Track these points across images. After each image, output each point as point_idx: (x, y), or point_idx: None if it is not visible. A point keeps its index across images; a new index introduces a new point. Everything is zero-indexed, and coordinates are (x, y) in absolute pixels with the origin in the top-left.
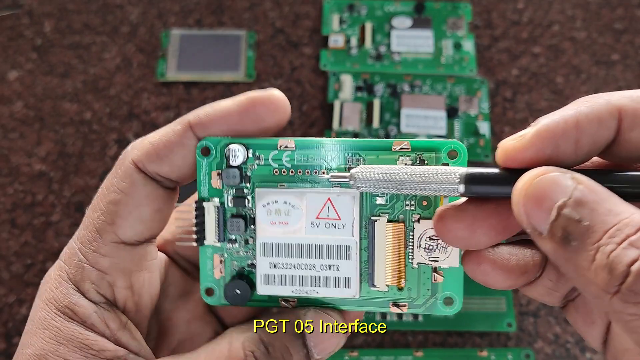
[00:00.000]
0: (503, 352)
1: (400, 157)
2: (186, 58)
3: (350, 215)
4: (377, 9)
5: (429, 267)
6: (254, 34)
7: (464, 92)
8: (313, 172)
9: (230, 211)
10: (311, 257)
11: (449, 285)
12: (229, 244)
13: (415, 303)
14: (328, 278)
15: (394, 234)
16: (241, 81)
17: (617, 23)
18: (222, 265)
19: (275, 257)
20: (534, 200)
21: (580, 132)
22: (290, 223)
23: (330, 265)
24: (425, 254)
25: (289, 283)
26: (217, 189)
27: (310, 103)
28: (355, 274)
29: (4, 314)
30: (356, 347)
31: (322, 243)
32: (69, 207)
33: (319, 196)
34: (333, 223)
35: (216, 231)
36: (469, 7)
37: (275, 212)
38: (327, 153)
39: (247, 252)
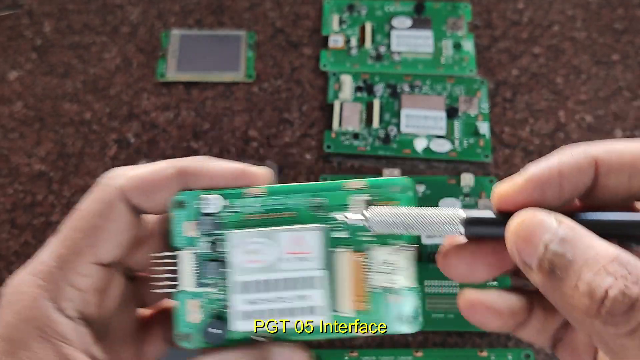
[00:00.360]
0: (503, 352)
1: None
2: (186, 58)
3: (317, 249)
4: (377, 9)
5: (388, 289)
6: (254, 34)
7: (463, 92)
8: (282, 214)
9: (206, 256)
10: (282, 291)
11: (406, 304)
12: (205, 288)
13: (379, 324)
14: (299, 309)
15: (353, 263)
16: (241, 81)
17: (617, 23)
18: (198, 309)
19: (249, 294)
20: (524, 239)
21: (562, 179)
22: (262, 261)
23: (300, 296)
24: (383, 278)
25: (262, 317)
26: (191, 237)
27: (310, 103)
28: (323, 303)
29: None
30: (356, 347)
31: (291, 276)
32: (69, 207)
33: (289, 234)
34: (301, 257)
35: (193, 277)
36: (468, 7)
37: (247, 253)
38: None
39: (222, 294)
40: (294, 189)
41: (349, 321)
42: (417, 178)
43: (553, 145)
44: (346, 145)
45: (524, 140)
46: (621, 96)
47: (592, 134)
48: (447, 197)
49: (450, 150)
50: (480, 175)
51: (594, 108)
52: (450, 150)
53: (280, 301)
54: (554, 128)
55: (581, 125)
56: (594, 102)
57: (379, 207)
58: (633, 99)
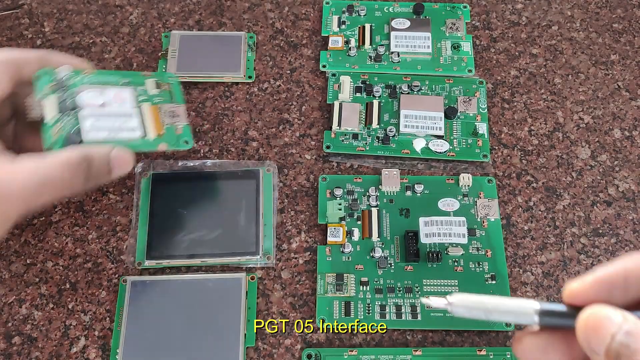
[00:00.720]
0: (502, 351)
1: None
2: (186, 59)
3: (129, 99)
4: (376, 10)
5: (173, 125)
6: (254, 35)
7: (462, 93)
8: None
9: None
10: (117, 117)
11: (184, 133)
12: (63, 119)
13: (170, 143)
14: (127, 128)
15: (152, 109)
16: (241, 81)
17: (616, 23)
18: (59, 130)
19: (92, 119)
20: (593, 330)
21: (627, 282)
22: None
23: (124, 122)
24: (170, 119)
25: (102, 131)
26: (49, 92)
27: (309, 104)
28: (139, 128)
29: (4, 314)
30: (355, 346)
31: (116, 111)
32: (69, 207)
33: (113, 89)
34: (121, 103)
35: (55, 113)
36: (467, 8)
37: (89, 98)
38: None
39: (75, 121)
40: (110, 72)
41: (155, 142)
42: (416, 178)
43: (552, 145)
44: (345, 145)
45: (523, 141)
46: (620, 96)
47: (590, 134)
48: (446, 197)
49: (449, 150)
50: (478, 175)
51: (593, 108)
52: (448, 150)
53: (115, 123)
54: (553, 128)
55: (580, 126)
56: (592, 102)
57: (462, 295)
58: (632, 99)
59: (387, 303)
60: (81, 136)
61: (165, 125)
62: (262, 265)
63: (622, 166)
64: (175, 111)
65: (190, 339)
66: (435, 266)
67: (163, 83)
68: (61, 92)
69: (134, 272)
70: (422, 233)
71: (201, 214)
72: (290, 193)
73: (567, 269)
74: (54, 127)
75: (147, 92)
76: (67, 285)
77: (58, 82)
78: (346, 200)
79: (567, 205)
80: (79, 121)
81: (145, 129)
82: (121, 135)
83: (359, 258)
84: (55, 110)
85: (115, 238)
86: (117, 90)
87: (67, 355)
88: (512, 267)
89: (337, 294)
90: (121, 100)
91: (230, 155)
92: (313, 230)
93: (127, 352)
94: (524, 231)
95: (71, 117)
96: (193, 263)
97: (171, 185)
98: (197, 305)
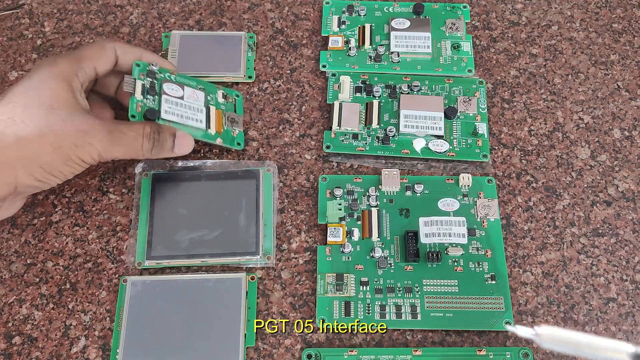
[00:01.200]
0: (501, 351)
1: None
2: (186, 59)
3: (201, 99)
4: (376, 10)
5: (231, 129)
6: (254, 35)
7: (462, 93)
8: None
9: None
10: (189, 109)
11: (239, 136)
12: (145, 99)
13: (225, 141)
14: (195, 119)
15: (218, 112)
16: (241, 81)
17: (616, 23)
18: (141, 106)
19: (169, 104)
20: None
21: None
22: (176, 95)
23: (193, 114)
24: (229, 123)
25: (175, 115)
26: (141, 78)
27: (309, 104)
28: (204, 122)
29: (4, 314)
30: (355, 346)
31: (190, 104)
32: (69, 207)
33: (189, 89)
34: (195, 99)
35: (140, 93)
36: (467, 8)
37: (170, 90)
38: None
39: (156, 103)
40: (191, 77)
41: (214, 136)
42: (416, 178)
43: (551, 145)
44: (345, 145)
45: (522, 141)
46: (620, 96)
47: (590, 134)
48: (446, 197)
49: (449, 150)
50: (478, 175)
51: (593, 108)
52: (448, 150)
53: (186, 114)
54: (552, 128)
55: (579, 126)
56: (592, 102)
57: (551, 329)
58: (631, 99)
59: (387, 303)
60: (159, 114)
61: (225, 126)
62: (262, 265)
63: (622, 166)
64: (235, 119)
65: (190, 339)
66: (435, 266)
67: (230, 96)
68: (150, 80)
69: (134, 272)
70: (422, 233)
71: (201, 214)
72: (290, 193)
73: (566, 269)
74: (139, 103)
75: (217, 99)
76: (68, 285)
77: (150, 71)
78: (346, 200)
79: (567, 205)
80: (160, 104)
81: (209, 124)
82: (189, 122)
83: (359, 258)
84: (141, 90)
85: (115, 238)
86: (193, 90)
87: (67, 355)
88: (512, 267)
89: (337, 294)
90: (195, 98)
91: (230, 155)
92: (313, 230)
93: (127, 352)
94: (523, 231)
95: (154, 99)
96: (193, 263)
97: (171, 185)
98: (197, 306)
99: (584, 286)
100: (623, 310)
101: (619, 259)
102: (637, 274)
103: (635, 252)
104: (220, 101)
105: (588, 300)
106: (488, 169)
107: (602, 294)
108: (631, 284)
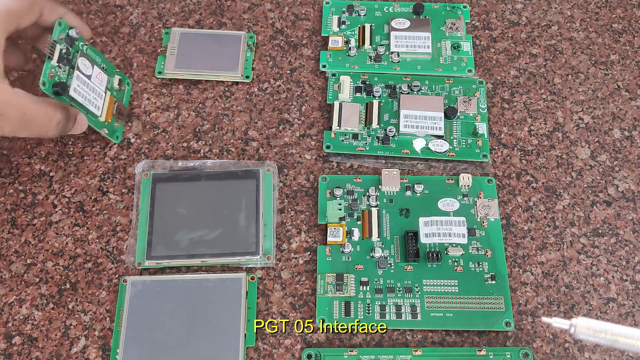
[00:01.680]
0: (501, 351)
1: None
2: (185, 56)
3: (104, 85)
4: (376, 10)
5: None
6: (254, 35)
7: (462, 93)
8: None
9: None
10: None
11: (119, 130)
12: (59, 67)
13: (109, 133)
14: (95, 105)
15: (111, 99)
16: (239, 81)
17: (616, 23)
18: (54, 74)
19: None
20: None
21: None
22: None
23: (97, 101)
24: (116, 114)
25: (81, 96)
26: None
27: (309, 104)
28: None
29: (4, 314)
30: (355, 346)
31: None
32: (69, 207)
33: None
34: (100, 84)
35: (56, 59)
36: (467, 8)
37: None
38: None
39: (68, 76)
40: (98, 53)
41: (101, 124)
42: (416, 178)
43: (551, 145)
44: (345, 145)
45: (522, 141)
46: (619, 96)
47: (590, 134)
48: (446, 197)
49: (449, 150)
50: (478, 175)
51: (592, 108)
52: (448, 150)
53: (88, 96)
54: (552, 128)
55: (579, 126)
56: (592, 102)
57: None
58: (631, 99)
59: (387, 303)
60: (68, 90)
61: (113, 116)
62: (262, 265)
63: (622, 166)
64: (122, 110)
65: (190, 339)
66: (435, 266)
67: (123, 84)
68: (66, 46)
69: (134, 272)
70: (422, 233)
71: (201, 214)
72: (290, 193)
73: (566, 269)
74: (51, 70)
75: (113, 84)
76: (67, 285)
77: (69, 36)
78: (346, 200)
79: (567, 205)
80: (71, 79)
81: (102, 110)
82: (90, 107)
83: (359, 258)
84: (57, 56)
85: (115, 238)
86: (100, 71)
87: (67, 355)
88: (512, 267)
89: (337, 294)
90: (100, 80)
91: (230, 155)
92: (313, 230)
93: (127, 352)
94: (523, 231)
95: (66, 70)
96: (193, 263)
97: (171, 185)
98: (197, 305)
99: (584, 286)
100: (623, 310)
101: (619, 259)
102: (637, 274)
103: (635, 252)
104: (115, 87)
105: (588, 300)
106: (488, 169)
107: (602, 294)
108: (631, 284)
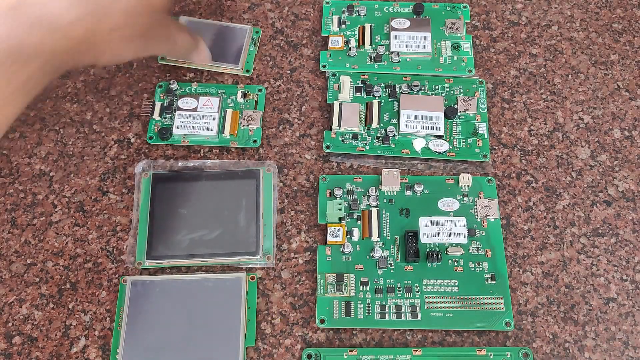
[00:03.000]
0: (501, 351)
1: None
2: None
3: (216, 105)
4: (376, 10)
5: (248, 128)
6: (259, 30)
7: (462, 93)
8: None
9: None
10: (201, 119)
11: (255, 134)
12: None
13: (240, 142)
14: (206, 127)
15: (234, 114)
16: (239, 74)
17: (616, 23)
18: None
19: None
20: None
21: None
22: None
23: (208, 123)
24: (245, 122)
25: (186, 129)
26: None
27: (309, 104)
28: (216, 127)
29: (4, 314)
30: (355, 346)
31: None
32: (69, 207)
33: (203, 98)
34: (209, 107)
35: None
36: (467, 8)
37: (184, 104)
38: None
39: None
40: (211, 85)
41: (228, 139)
42: (416, 178)
43: (551, 145)
44: (345, 145)
45: (522, 141)
46: (620, 96)
47: (590, 134)
48: (446, 197)
49: (449, 150)
50: (478, 175)
51: (593, 108)
52: (448, 150)
53: (195, 125)
54: (552, 128)
55: (579, 126)
56: (592, 102)
57: None
58: (631, 99)
59: (387, 303)
60: (170, 131)
61: (241, 126)
62: (262, 265)
63: (622, 166)
64: (252, 116)
65: (190, 339)
66: (435, 266)
67: (250, 94)
68: (169, 98)
69: (134, 272)
70: (422, 233)
71: (201, 214)
72: (290, 193)
73: (566, 269)
74: (157, 123)
75: (236, 100)
76: (67, 285)
77: (169, 90)
78: (346, 200)
79: (567, 205)
80: (174, 119)
81: (223, 128)
82: (199, 132)
83: (359, 258)
84: (159, 112)
85: (115, 238)
86: (208, 98)
87: (67, 355)
88: (512, 267)
89: (337, 294)
90: (209, 105)
91: (230, 155)
92: (313, 230)
93: (127, 352)
94: (523, 231)
95: (169, 117)
96: (193, 263)
97: (171, 185)
98: (197, 305)
99: (584, 286)
100: (623, 310)
101: (619, 259)
102: (637, 274)
103: (635, 252)
104: (239, 101)
105: (588, 300)
106: (488, 169)
107: (602, 294)
108: (631, 284)
